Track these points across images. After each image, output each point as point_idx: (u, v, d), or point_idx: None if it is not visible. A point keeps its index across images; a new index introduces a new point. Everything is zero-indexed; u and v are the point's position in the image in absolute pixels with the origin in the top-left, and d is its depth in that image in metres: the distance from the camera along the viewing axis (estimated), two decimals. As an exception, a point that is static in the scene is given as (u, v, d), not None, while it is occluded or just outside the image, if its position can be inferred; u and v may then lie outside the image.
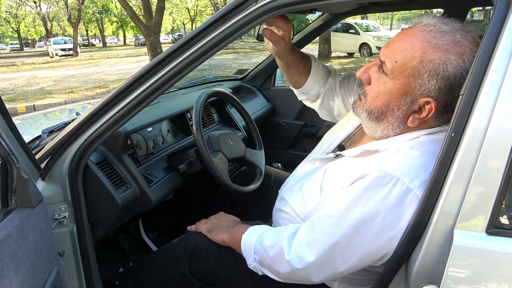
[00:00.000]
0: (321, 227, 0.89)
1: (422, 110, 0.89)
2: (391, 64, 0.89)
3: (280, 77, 2.48)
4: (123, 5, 11.16)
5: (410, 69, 0.86)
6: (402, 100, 0.90)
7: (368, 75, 0.96)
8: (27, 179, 0.87)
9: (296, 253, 0.91)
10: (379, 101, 0.93)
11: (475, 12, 14.37)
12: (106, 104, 1.05)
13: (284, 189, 1.18)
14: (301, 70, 1.30)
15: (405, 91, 0.89)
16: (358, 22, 15.75)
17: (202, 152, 1.37)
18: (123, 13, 31.81)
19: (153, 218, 1.88)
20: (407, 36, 0.88)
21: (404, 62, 0.87)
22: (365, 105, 0.97)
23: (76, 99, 8.24)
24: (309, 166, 1.14)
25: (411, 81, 0.87)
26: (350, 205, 0.86)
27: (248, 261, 1.03)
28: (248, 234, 1.05)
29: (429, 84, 0.85)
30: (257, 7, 0.94)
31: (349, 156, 0.99)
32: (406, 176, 0.83)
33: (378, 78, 0.93)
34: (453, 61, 0.83)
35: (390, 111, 0.92)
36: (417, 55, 0.85)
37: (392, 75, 0.89)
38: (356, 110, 1.01)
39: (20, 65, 19.25)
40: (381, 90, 0.92)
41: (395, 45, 0.90)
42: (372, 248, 0.85)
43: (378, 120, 0.95)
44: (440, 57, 0.83)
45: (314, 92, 1.33)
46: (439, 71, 0.84)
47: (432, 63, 0.84)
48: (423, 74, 0.85)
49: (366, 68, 0.97)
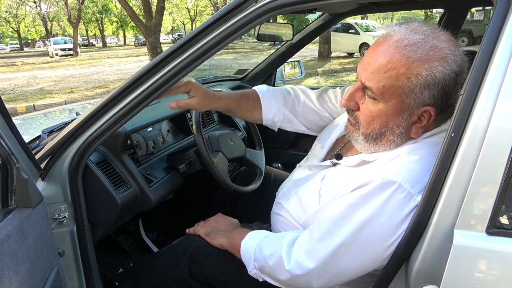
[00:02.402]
0: (320, 234, 0.89)
1: (421, 119, 0.89)
2: (379, 89, 0.86)
3: (280, 77, 2.48)
4: (123, 5, 11.16)
5: (400, 88, 0.85)
6: (400, 117, 0.88)
7: (355, 102, 0.93)
8: (27, 179, 0.87)
9: (295, 261, 0.91)
10: (376, 123, 0.91)
11: (475, 12, 14.38)
12: (106, 104, 1.05)
13: (280, 194, 1.17)
14: (248, 106, 1.26)
15: (401, 109, 0.88)
16: (358, 22, 15.75)
17: (202, 152, 1.37)
18: (123, 13, 31.80)
19: (153, 218, 1.88)
20: (383, 56, 0.85)
21: (392, 84, 0.85)
22: (361, 130, 0.94)
23: (76, 99, 8.24)
24: (306, 171, 1.14)
25: (404, 98, 0.86)
26: (349, 212, 0.86)
27: (248, 268, 1.02)
28: (247, 240, 1.05)
29: (422, 96, 0.85)
30: (257, 7, 0.94)
31: (347, 166, 0.99)
32: (407, 181, 0.83)
33: (367, 102, 0.91)
34: (438, 67, 0.82)
35: (389, 130, 0.91)
36: (402, 73, 0.83)
37: (383, 98, 0.87)
38: (352, 136, 0.98)
39: (20, 65, 19.25)
40: (375, 114, 0.90)
41: (374, 67, 0.86)
42: (372, 254, 0.85)
43: (376, 141, 0.93)
44: (425, 68, 0.82)
45: (280, 118, 1.28)
46: (428, 81, 0.83)
47: (419, 76, 0.83)
48: (414, 88, 0.84)
49: (350, 96, 0.93)
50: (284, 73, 2.48)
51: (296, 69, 2.55)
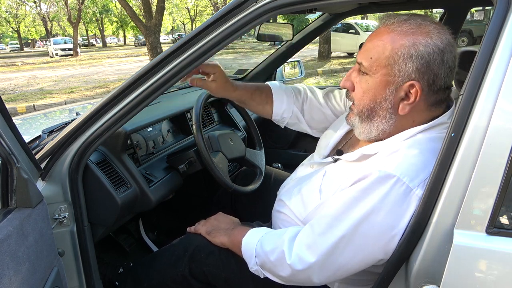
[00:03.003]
0: (321, 228, 0.89)
1: (409, 96, 0.90)
2: (367, 62, 0.92)
3: (280, 77, 2.48)
4: (123, 5, 11.16)
5: (385, 59, 0.89)
6: (386, 90, 0.91)
7: (351, 82, 0.98)
8: (27, 179, 0.87)
9: (297, 255, 0.91)
10: (366, 99, 0.95)
11: (475, 12, 14.38)
12: (106, 104, 1.05)
13: (282, 191, 1.18)
14: (261, 99, 1.31)
15: (387, 81, 0.91)
16: (358, 22, 15.75)
17: (202, 152, 1.37)
18: (123, 13, 31.81)
19: (153, 218, 1.88)
20: (374, 36, 0.93)
21: (378, 56, 0.90)
22: (355, 110, 0.98)
23: (76, 99, 8.25)
24: (308, 169, 1.15)
25: (389, 70, 0.89)
26: (349, 205, 0.86)
27: (250, 265, 1.03)
28: (248, 237, 1.05)
29: (406, 67, 0.88)
30: (257, 7, 0.94)
31: (348, 161, 1.00)
32: (406, 175, 0.83)
33: (360, 80, 0.96)
34: (421, 40, 0.86)
35: (378, 105, 0.94)
36: (387, 45, 0.89)
37: (371, 71, 0.92)
38: (350, 121, 1.02)
39: (20, 65, 19.26)
40: (365, 89, 0.94)
41: (367, 46, 0.94)
42: (372, 248, 0.86)
43: (369, 118, 0.96)
44: (409, 40, 0.87)
45: (289, 114, 1.32)
46: (411, 52, 0.87)
47: (403, 47, 0.87)
48: (397, 59, 0.88)
49: (347, 76, 0.99)
50: (284, 73, 2.48)
51: (296, 69, 2.55)
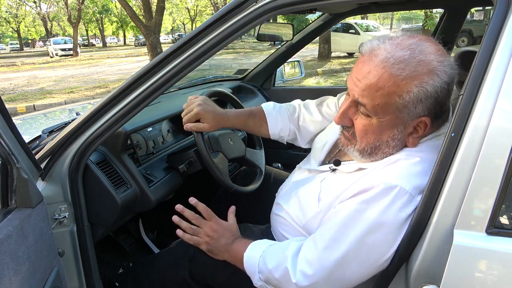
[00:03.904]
0: (325, 243, 0.88)
1: (417, 129, 0.89)
2: (373, 107, 0.86)
3: (280, 77, 2.48)
4: (123, 5, 11.16)
5: (393, 105, 0.84)
6: (395, 130, 0.88)
7: (349, 119, 0.93)
8: (27, 179, 0.87)
9: (301, 273, 0.90)
10: (371, 138, 0.91)
11: (475, 12, 14.37)
12: (106, 104, 1.05)
13: (280, 195, 1.17)
14: (255, 123, 1.34)
15: (395, 123, 0.87)
16: (358, 22, 15.75)
17: (202, 152, 1.37)
18: (123, 13, 31.80)
19: (153, 218, 1.88)
20: (372, 75, 0.84)
21: (385, 101, 0.84)
22: (356, 145, 0.94)
23: (76, 99, 8.25)
24: (305, 173, 1.14)
25: (397, 114, 0.86)
26: (353, 218, 0.85)
27: (254, 281, 1.01)
28: (250, 251, 1.03)
29: (416, 110, 0.85)
30: (257, 7, 0.94)
31: (345, 172, 0.99)
32: (408, 183, 0.83)
33: (360, 118, 0.90)
34: (428, 81, 0.82)
35: (384, 144, 0.90)
36: (393, 92, 0.83)
37: (376, 115, 0.87)
38: (347, 149, 0.98)
39: (20, 65, 19.25)
40: (369, 129, 0.90)
41: (365, 84, 0.85)
42: (378, 258, 0.85)
43: (372, 154, 0.93)
44: (415, 84, 0.81)
45: (286, 133, 1.35)
46: (420, 96, 0.82)
47: (410, 93, 0.82)
48: (406, 105, 0.84)
49: (343, 113, 0.92)
50: (284, 73, 2.48)
51: (296, 69, 2.55)
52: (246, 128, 1.39)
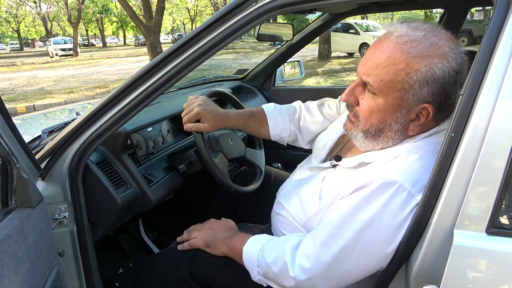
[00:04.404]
0: (323, 238, 0.88)
1: (420, 117, 0.89)
2: (377, 83, 0.87)
3: (280, 77, 2.48)
4: (123, 5, 11.17)
5: (399, 83, 0.85)
6: (398, 113, 0.89)
7: (355, 97, 0.94)
8: (27, 179, 0.87)
9: (299, 267, 0.90)
10: (375, 119, 0.91)
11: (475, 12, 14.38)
12: (106, 104, 1.05)
13: (281, 194, 1.17)
14: (256, 124, 1.34)
15: (400, 104, 0.88)
16: (358, 22, 15.76)
17: (202, 152, 1.37)
18: (123, 13, 31.80)
19: (153, 218, 1.88)
20: (384, 52, 0.86)
21: (390, 78, 0.85)
22: (360, 126, 0.95)
23: (76, 99, 8.25)
24: (307, 172, 1.14)
25: (403, 94, 0.86)
26: (351, 213, 0.86)
27: (252, 274, 1.01)
28: (249, 246, 1.03)
29: (421, 92, 0.85)
30: (257, 7, 0.94)
31: (347, 167, 0.99)
32: (407, 181, 0.83)
33: (367, 98, 0.91)
34: (437, 63, 0.83)
35: (388, 126, 0.91)
36: (401, 68, 0.84)
37: (381, 93, 0.88)
38: (350, 132, 0.99)
39: (20, 65, 19.26)
40: (374, 109, 0.90)
41: (373, 62, 0.87)
42: (375, 254, 0.85)
43: (375, 137, 0.93)
44: (425, 64, 0.82)
45: (287, 134, 1.35)
46: (427, 77, 0.83)
47: (419, 72, 0.83)
48: (413, 84, 0.84)
49: (350, 91, 0.94)
50: (284, 73, 2.48)
51: (296, 69, 2.55)
52: (246, 129, 1.38)
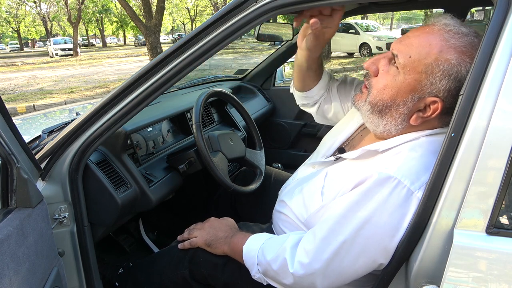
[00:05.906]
0: (323, 234, 0.89)
1: (427, 109, 0.89)
2: (404, 59, 0.87)
3: (280, 77, 2.48)
4: (123, 5, 11.16)
5: (424, 66, 0.85)
6: (409, 96, 0.89)
7: (377, 67, 0.94)
8: (27, 179, 0.87)
9: (299, 263, 0.91)
10: (386, 94, 0.92)
11: (475, 12, 14.39)
12: (106, 104, 1.05)
13: (284, 192, 1.17)
14: (316, 74, 1.28)
15: (414, 87, 0.88)
16: (358, 22, 15.76)
17: (202, 152, 1.37)
18: (123, 13, 31.80)
19: (153, 218, 1.88)
20: (424, 33, 0.87)
21: (419, 58, 0.86)
22: (368, 97, 0.95)
23: (76, 99, 8.24)
24: (310, 169, 1.14)
25: (422, 77, 0.86)
26: (350, 209, 0.86)
27: (252, 272, 1.02)
28: (249, 244, 1.04)
29: (439, 84, 0.85)
30: (257, 7, 0.94)
31: (350, 159, 0.99)
32: (407, 178, 0.82)
33: (388, 70, 0.92)
34: (467, 63, 0.83)
35: (395, 106, 0.91)
36: (434, 53, 0.84)
37: (403, 69, 0.88)
38: (357, 104, 0.99)
39: (20, 65, 19.26)
40: (389, 83, 0.91)
41: (410, 40, 0.88)
42: (374, 251, 0.85)
43: (381, 114, 0.94)
44: (456, 58, 0.83)
45: (317, 98, 1.33)
46: (452, 71, 0.83)
47: (448, 62, 0.83)
48: (436, 72, 0.84)
49: (375, 60, 0.95)
50: (284, 73, 2.49)
51: (296, 69, 2.54)
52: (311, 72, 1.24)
